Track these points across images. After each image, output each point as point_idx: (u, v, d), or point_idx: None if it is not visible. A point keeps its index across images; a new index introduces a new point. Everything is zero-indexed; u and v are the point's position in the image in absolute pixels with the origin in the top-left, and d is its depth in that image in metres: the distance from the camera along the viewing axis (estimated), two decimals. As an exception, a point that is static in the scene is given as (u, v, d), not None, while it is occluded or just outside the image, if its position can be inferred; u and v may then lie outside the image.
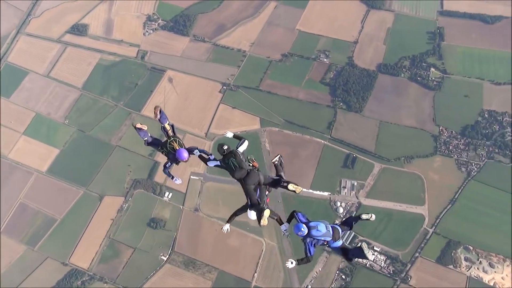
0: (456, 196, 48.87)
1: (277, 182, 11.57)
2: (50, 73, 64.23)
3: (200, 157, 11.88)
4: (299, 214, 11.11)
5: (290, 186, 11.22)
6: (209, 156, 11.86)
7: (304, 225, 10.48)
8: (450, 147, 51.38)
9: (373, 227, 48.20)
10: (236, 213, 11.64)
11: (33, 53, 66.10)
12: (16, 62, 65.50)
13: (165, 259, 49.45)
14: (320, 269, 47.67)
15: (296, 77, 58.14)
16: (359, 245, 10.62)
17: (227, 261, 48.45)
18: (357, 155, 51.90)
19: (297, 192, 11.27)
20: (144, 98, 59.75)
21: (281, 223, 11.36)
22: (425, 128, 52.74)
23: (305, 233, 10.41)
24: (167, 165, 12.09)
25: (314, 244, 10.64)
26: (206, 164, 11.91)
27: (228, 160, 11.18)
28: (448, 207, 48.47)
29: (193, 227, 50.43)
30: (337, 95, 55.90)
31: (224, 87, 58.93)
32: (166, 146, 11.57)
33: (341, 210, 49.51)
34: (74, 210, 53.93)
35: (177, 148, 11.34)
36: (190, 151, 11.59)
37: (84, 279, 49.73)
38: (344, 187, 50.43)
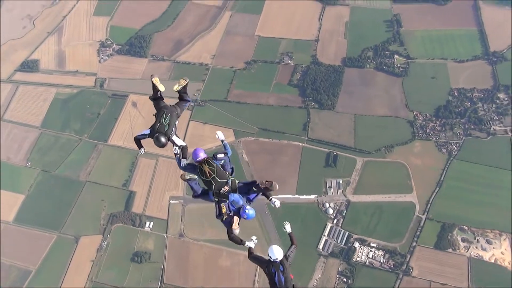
0: (442, 178, 48.48)
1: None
2: (4, 115, 60.18)
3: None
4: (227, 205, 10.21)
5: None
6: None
7: (244, 208, 9.91)
8: (427, 130, 51.20)
9: (366, 222, 47.07)
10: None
11: (-18, 98, 61.82)
12: (-35, 109, 61.02)
13: (153, 292, 46.23)
14: (319, 276, 45.79)
15: (263, 83, 56.84)
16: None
17: (221, 284, 45.64)
18: (337, 152, 50.82)
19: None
20: (109, 127, 56.74)
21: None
22: (399, 115, 52.44)
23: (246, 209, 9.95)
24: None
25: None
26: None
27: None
28: (436, 191, 47.97)
29: (180, 254, 47.52)
30: (307, 95, 54.88)
31: (192, 104, 56.66)
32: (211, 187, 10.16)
33: (330, 211, 48.02)
34: (49, 257, 49.91)
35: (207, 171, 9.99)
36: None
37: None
38: (330, 187, 49.08)
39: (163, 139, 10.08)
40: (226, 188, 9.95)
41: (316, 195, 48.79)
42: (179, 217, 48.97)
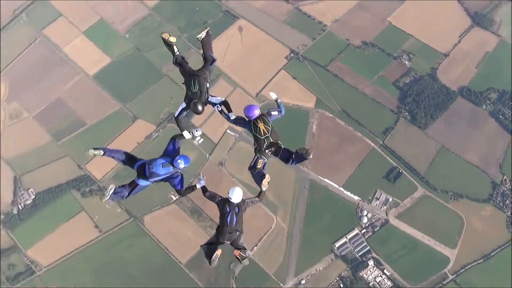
0: (492, 254, 44.03)
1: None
2: (126, -15, 62.58)
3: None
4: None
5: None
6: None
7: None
8: (507, 201, 45.90)
9: (392, 249, 44.66)
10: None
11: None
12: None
13: (174, 198, 47.74)
14: (321, 268, 44.81)
15: (369, 70, 53.55)
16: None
17: (232, 226, 46.28)
18: (403, 171, 47.57)
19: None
20: (208, 37, 57.01)
21: None
22: (487, 171, 47.31)
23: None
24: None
25: None
26: None
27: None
28: (479, 261, 43.85)
29: (212, 179, 48.22)
30: (405, 103, 50.99)
31: (292, 55, 55.26)
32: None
33: (365, 219, 45.95)
34: (105, 121, 53.05)
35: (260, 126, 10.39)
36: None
37: (92, 187, 49.16)
38: (377, 199, 46.58)
39: (199, 106, 10.17)
40: (273, 149, 10.34)
41: (360, 199, 46.65)
42: (227, 148, 49.37)
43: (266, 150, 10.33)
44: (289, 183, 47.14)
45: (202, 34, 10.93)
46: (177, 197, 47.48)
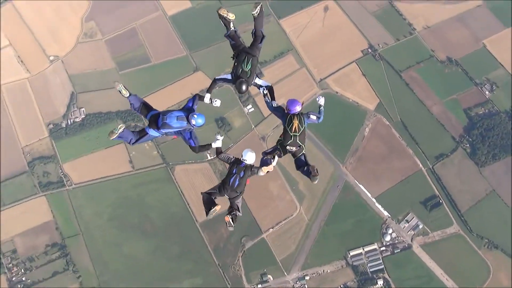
0: (510, 316, 41.57)
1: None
2: None
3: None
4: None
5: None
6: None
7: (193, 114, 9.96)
8: (545, 268, 42.66)
9: (407, 276, 43.29)
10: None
11: None
12: None
13: (209, 158, 48.46)
14: (328, 271, 44.46)
15: (444, 89, 50.06)
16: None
17: (255, 201, 46.33)
18: (443, 202, 45.10)
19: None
20: (290, 9, 55.25)
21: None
22: (533, 231, 43.89)
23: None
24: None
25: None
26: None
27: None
28: (495, 318, 41.67)
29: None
30: (470, 134, 47.54)
31: (369, 50, 52.60)
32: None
33: (388, 238, 44.54)
34: (169, 64, 53.75)
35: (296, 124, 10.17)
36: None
37: (138, 124, 50.52)
38: (407, 221, 44.80)
39: (244, 86, 9.97)
40: (293, 149, 10.25)
41: (390, 216, 45.07)
42: (274, 125, 48.75)
43: (288, 147, 10.26)
44: (323, 177, 46.13)
45: (258, 10, 10.47)
46: (212, 156, 48.14)
